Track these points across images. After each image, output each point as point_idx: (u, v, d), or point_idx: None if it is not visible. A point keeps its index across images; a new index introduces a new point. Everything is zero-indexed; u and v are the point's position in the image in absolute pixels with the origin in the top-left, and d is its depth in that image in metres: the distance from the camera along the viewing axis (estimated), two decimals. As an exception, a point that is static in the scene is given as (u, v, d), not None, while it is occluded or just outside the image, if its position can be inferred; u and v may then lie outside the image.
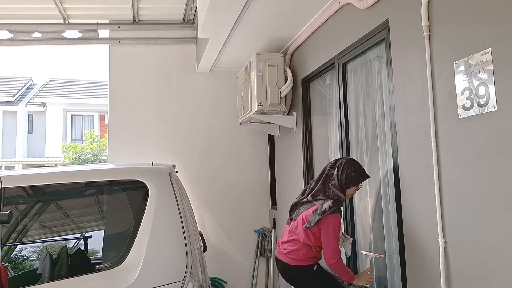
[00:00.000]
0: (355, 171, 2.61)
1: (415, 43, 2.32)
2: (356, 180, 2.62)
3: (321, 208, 2.53)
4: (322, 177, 2.68)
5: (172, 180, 2.48)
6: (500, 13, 1.78)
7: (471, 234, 1.94)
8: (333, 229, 2.52)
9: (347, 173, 2.60)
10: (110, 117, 4.74)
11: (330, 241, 2.52)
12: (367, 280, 2.61)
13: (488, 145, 1.84)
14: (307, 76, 3.92)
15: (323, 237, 2.54)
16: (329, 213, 2.50)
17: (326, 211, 2.50)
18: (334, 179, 2.61)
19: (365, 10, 2.85)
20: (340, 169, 2.62)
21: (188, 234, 2.38)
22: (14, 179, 2.34)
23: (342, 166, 2.62)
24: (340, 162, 2.66)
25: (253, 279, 4.81)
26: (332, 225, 2.52)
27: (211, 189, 4.84)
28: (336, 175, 2.61)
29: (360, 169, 2.64)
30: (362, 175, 2.64)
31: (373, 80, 2.99)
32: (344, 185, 2.60)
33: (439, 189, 2.13)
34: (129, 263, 2.21)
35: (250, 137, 5.07)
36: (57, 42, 4.73)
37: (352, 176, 2.60)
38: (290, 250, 2.65)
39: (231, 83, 4.94)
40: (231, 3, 3.04)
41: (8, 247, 2.24)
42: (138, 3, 4.49)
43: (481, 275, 1.89)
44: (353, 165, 2.63)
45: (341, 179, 2.60)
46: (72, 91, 19.22)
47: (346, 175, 2.59)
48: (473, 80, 1.91)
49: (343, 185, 2.60)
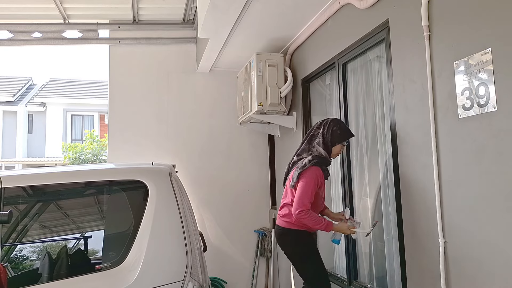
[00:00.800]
0: (340, 129, 2.68)
1: (415, 43, 2.32)
2: (342, 137, 2.68)
3: (302, 163, 2.59)
4: (308, 137, 2.76)
5: (172, 180, 2.48)
6: (500, 13, 1.78)
7: (471, 234, 1.94)
8: (307, 179, 2.53)
9: (332, 130, 2.67)
10: (110, 117, 4.74)
11: (301, 189, 2.52)
12: (346, 229, 2.59)
13: (488, 145, 1.84)
14: (307, 76, 3.92)
15: (298, 188, 2.55)
16: (309, 166, 2.55)
17: (306, 165, 2.56)
18: (319, 137, 2.68)
19: (365, 10, 2.85)
20: (326, 127, 2.69)
21: (188, 234, 2.38)
22: (14, 179, 2.34)
23: (328, 124, 2.70)
24: (326, 121, 2.73)
25: (253, 279, 4.81)
26: (309, 175, 2.55)
27: (211, 189, 4.84)
28: (322, 133, 2.68)
29: (345, 127, 2.72)
30: (347, 132, 2.70)
31: (373, 80, 2.99)
32: (330, 142, 2.66)
33: (439, 189, 2.13)
34: (129, 263, 2.21)
35: (250, 137, 5.07)
36: (57, 42, 4.72)
37: (337, 133, 2.66)
38: (283, 214, 2.71)
39: (231, 83, 4.94)
40: (231, 3, 3.04)
41: (8, 247, 2.24)
42: (138, 3, 4.48)
43: (481, 275, 1.89)
44: (338, 123, 2.71)
45: (327, 137, 2.66)
46: (72, 91, 19.21)
47: (332, 132, 2.66)
48: (473, 80, 1.91)
49: (328, 143, 2.66)
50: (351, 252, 3.16)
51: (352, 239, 3.13)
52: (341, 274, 3.37)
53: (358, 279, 3.11)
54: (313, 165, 2.57)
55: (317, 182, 2.59)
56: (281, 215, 2.76)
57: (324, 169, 2.66)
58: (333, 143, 2.67)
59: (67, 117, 18.55)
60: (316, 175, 2.58)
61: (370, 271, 3.03)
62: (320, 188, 2.66)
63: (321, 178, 2.62)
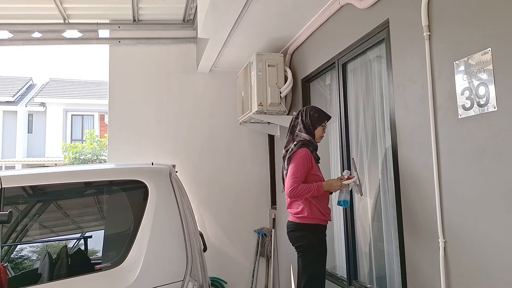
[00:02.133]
0: (317, 112, 2.82)
1: (415, 43, 2.32)
2: (320, 119, 2.81)
3: (290, 151, 2.70)
4: (290, 128, 2.87)
5: (172, 180, 2.48)
6: (500, 13, 1.78)
7: (471, 234, 1.94)
8: (297, 160, 2.64)
9: (310, 114, 2.80)
10: (110, 117, 4.74)
11: (291, 170, 2.62)
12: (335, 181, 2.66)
13: (488, 145, 1.84)
14: (307, 76, 3.92)
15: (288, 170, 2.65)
16: (296, 150, 2.66)
17: (293, 149, 2.67)
18: (299, 125, 2.80)
19: (365, 10, 2.85)
20: (304, 114, 2.82)
21: (188, 234, 2.38)
22: (14, 179, 2.34)
23: (305, 111, 2.84)
24: (302, 109, 2.87)
25: (253, 279, 4.81)
26: (297, 157, 2.65)
27: (211, 189, 4.84)
28: (301, 121, 2.81)
29: (321, 110, 2.86)
30: (324, 115, 2.84)
31: (373, 80, 2.99)
32: (311, 126, 2.78)
33: (439, 189, 2.13)
34: (129, 263, 2.21)
35: (250, 137, 5.07)
36: (57, 42, 4.73)
37: (315, 116, 2.80)
38: (295, 211, 2.73)
39: (231, 83, 4.94)
40: (231, 3, 3.04)
41: (8, 247, 2.24)
42: (138, 3, 4.49)
43: (481, 275, 1.89)
44: (314, 108, 2.86)
45: (307, 122, 2.79)
46: (72, 91, 19.21)
47: (310, 116, 2.79)
48: (473, 80, 1.91)
49: (309, 127, 2.78)
50: (351, 252, 3.16)
51: (352, 235, 3.13)
52: (341, 274, 3.37)
53: (358, 279, 3.11)
54: (299, 147, 2.68)
55: (307, 162, 2.65)
56: (293, 212, 2.74)
57: (312, 151, 2.75)
58: (314, 127, 2.80)
59: (67, 117, 18.55)
60: (304, 155, 2.66)
61: (370, 271, 3.03)
62: (312, 168, 2.70)
63: (309, 157, 2.68)
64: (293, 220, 2.75)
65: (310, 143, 2.75)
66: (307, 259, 2.68)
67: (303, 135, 2.76)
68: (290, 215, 2.80)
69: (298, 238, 2.71)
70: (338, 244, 3.49)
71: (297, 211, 2.71)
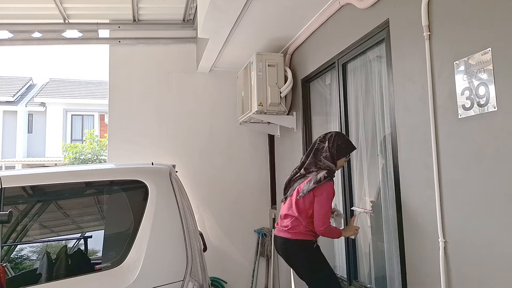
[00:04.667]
0: (345, 143, 2.79)
1: (415, 43, 2.32)
2: (346, 151, 2.79)
3: (316, 177, 2.66)
4: (313, 151, 2.82)
5: (172, 180, 2.48)
6: (500, 13, 1.78)
7: (471, 234, 1.94)
8: (326, 196, 2.64)
9: (338, 144, 2.75)
10: (110, 117, 4.74)
11: (322, 207, 2.63)
12: (353, 231, 2.76)
13: (488, 145, 1.84)
14: (307, 76, 3.92)
15: (316, 203, 2.64)
16: (324, 182, 2.62)
17: (321, 180, 2.63)
18: (326, 151, 2.75)
19: (365, 10, 2.85)
20: (331, 142, 2.77)
21: (188, 234, 2.38)
22: (14, 179, 2.34)
23: (333, 139, 2.78)
24: (330, 135, 2.81)
25: (253, 279, 4.81)
26: (326, 192, 2.64)
27: (211, 189, 4.84)
28: (328, 147, 2.76)
29: (349, 141, 2.83)
30: (351, 146, 2.82)
31: (373, 80, 2.99)
32: (336, 156, 2.74)
33: (439, 189, 2.13)
34: (129, 263, 2.21)
35: (250, 137, 5.07)
36: (57, 42, 4.73)
37: (342, 147, 2.76)
38: (290, 226, 2.72)
39: (231, 83, 4.94)
40: (231, 3, 3.04)
41: (8, 247, 2.23)
42: (138, 3, 4.48)
43: (481, 275, 1.89)
44: (342, 137, 2.81)
45: (333, 151, 2.74)
46: (72, 91, 19.21)
47: (337, 146, 2.75)
48: (473, 80, 1.91)
49: (334, 156, 2.74)
50: (351, 252, 3.16)
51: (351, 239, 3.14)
52: (341, 274, 3.37)
53: (358, 279, 3.11)
54: (328, 180, 2.65)
55: (332, 197, 2.69)
56: (289, 227, 2.71)
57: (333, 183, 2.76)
58: (338, 157, 2.76)
59: (67, 117, 18.55)
60: (332, 191, 2.68)
61: (370, 271, 3.03)
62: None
63: (334, 191, 2.71)
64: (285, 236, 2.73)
65: (333, 173, 2.73)
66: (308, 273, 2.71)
67: (327, 164, 2.71)
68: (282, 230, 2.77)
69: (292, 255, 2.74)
70: (338, 244, 3.49)
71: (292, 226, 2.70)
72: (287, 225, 2.74)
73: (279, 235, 2.80)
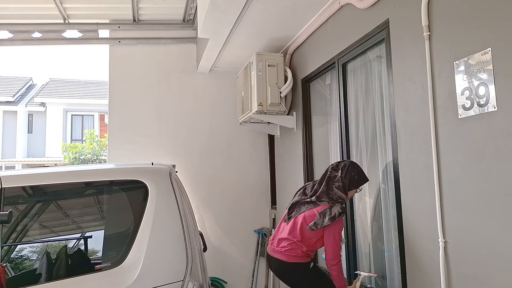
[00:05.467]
0: (358, 174, 2.69)
1: (415, 43, 2.32)
2: (358, 183, 2.69)
3: (330, 213, 2.57)
4: (325, 179, 2.72)
5: (172, 180, 2.48)
6: (500, 13, 1.78)
7: (471, 234, 1.94)
8: (338, 231, 2.60)
9: (350, 175, 2.67)
10: (110, 117, 4.74)
11: (335, 242, 2.59)
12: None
13: (488, 145, 1.84)
14: (307, 76, 3.92)
15: (327, 238, 2.60)
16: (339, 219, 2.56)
17: (336, 217, 2.55)
18: (338, 181, 2.67)
19: (365, 10, 2.85)
20: (344, 172, 2.67)
21: (188, 234, 2.38)
22: (14, 179, 2.34)
23: (346, 169, 2.68)
24: (344, 164, 2.72)
25: (253, 279, 4.81)
26: (338, 227, 2.60)
27: (211, 189, 4.84)
28: (340, 177, 2.67)
29: (362, 173, 2.73)
30: (363, 178, 2.72)
31: (373, 80, 2.99)
32: (348, 187, 2.67)
33: (439, 189, 2.13)
34: (129, 263, 2.21)
35: (250, 137, 5.07)
36: (57, 42, 4.73)
37: (355, 178, 2.67)
38: (288, 248, 2.67)
39: (231, 83, 4.94)
40: (231, 3, 3.04)
41: (8, 247, 2.23)
42: (138, 3, 4.48)
43: (481, 275, 1.89)
44: (356, 168, 2.71)
45: (345, 182, 2.66)
46: (72, 91, 19.20)
47: (350, 177, 2.66)
48: (473, 80, 1.91)
49: (346, 187, 2.67)
50: (351, 252, 3.16)
51: (352, 235, 3.13)
52: (341, 274, 3.37)
53: (358, 279, 3.11)
54: (341, 215, 2.60)
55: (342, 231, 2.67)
56: (286, 249, 2.68)
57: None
58: (350, 188, 2.69)
59: (67, 117, 18.54)
60: (342, 226, 2.67)
61: (370, 271, 3.03)
62: None
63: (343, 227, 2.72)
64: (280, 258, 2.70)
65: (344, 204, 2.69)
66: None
67: (339, 194, 2.66)
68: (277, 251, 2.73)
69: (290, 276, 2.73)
70: (338, 244, 3.49)
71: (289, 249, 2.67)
72: (285, 247, 2.68)
73: (274, 256, 2.75)
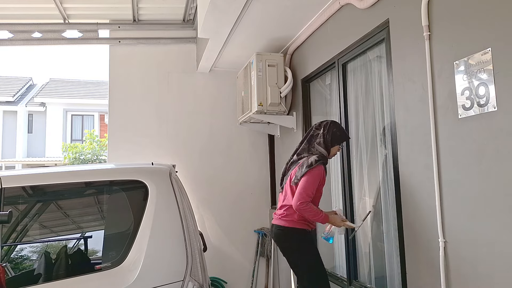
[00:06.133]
0: (340, 131, 2.82)
1: (415, 43, 2.32)
2: (340, 139, 2.82)
3: (308, 161, 2.67)
4: (308, 137, 2.85)
5: (172, 180, 2.48)
6: (500, 13, 1.78)
7: (471, 234, 1.94)
8: (312, 177, 2.63)
9: (333, 132, 2.78)
10: (110, 117, 4.74)
11: (304, 184, 2.61)
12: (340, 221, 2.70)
13: (488, 145, 1.84)
14: (307, 76, 3.92)
15: (300, 183, 2.63)
16: (315, 166, 2.63)
17: (313, 164, 2.64)
18: (320, 138, 2.79)
19: (365, 10, 2.85)
20: (327, 129, 2.80)
21: (188, 234, 2.38)
22: (14, 179, 2.34)
23: (329, 126, 2.81)
24: (326, 122, 2.84)
25: (253, 279, 4.81)
26: (313, 174, 2.64)
27: (211, 189, 4.84)
28: (322, 134, 2.79)
29: (344, 130, 2.87)
30: (345, 135, 2.86)
31: (373, 80, 2.99)
32: (330, 143, 2.77)
33: (439, 189, 2.13)
34: (129, 263, 2.21)
35: (250, 137, 5.07)
36: (57, 42, 4.73)
37: (337, 135, 2.79)
38: (285, 214, 2.75)
39: (231, 83, 4.94)
40: (231, 3, 3.04)
41: (8, 247, 2.23)
42: (138, 3, 4.48)
43: (481, 275, 1.89)
44: (337, 125, 2.85)
45: (327, 138, 2.77)
46: (72, 91, 19.20)
47: (333, 133, 2.78)
48: (473, 80, 1.91)
49: (328, 143, 2.77)
50: (351, 252, 3.16)
51: (350, 238, 3.13)
52: (341, 274, 3.37)
53: (358, 279, 3.11)
54: (319, 164, 2.67)
55: (320, 180, 2.69)
56: (281, 216, 2.78)
57: (325, 168, 2.77)
58: (332, 144, 2.79)
59: (67, 117, 18.54)
60: (320, 173, 2.68)
61: (370, 271, 3.03)
62: (320, 185, 2.74)
63: (323, 176, 2.72)
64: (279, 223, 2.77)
65: (325, 159, 2.75)
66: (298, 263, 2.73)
67: (321, 150, 2.75)
68: (277, 218, 2.82)
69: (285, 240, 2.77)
70: (338, 244, 3.49)
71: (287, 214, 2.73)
72: (282, 213, 2.77)
73: (274, 223, 2.85)
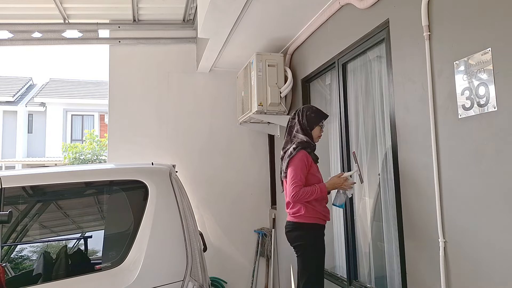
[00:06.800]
0: (314, 112, 2.80)
1: (415, 43, 2.32)
2: (317, 119, 2.78)
3: (288, 153, 2.69)
4: (287, 129, 2.86)
5: (172, 180, 2.48)
6: (500, 13, 1.78)
7: (471, 234, 1.94)
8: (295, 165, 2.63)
9: (307, 115, 2.77)
10: (110, 117, 4.74)
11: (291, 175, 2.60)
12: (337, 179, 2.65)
13: (488, 145, 1.84)
14: (307, 76, 3.92)
15: (288, 175, 2.64)
16: (295, 154, 2.63)
17: (292, 153, 2.65)
18: (297, 125, 2.78)
19: (365, 10, 2.85)
20: (300, 114, 2.79)
21: (188, 234, 2.38)
22: (14, 179, 2.34)
23: (301, 112, 2.81)
24: (299, 109, 2.85)
25: (253, 279, 4.81)
26: (295, 161, 2.64)
27: (211, 189, 4.84)
28: (298, 121, 2.79)
29: (318, 110, 2.83)
30: (321, 114, 2.82)
31: (373, 80, 2.99)
32: (308, 126, 2.76)
33: (439, 189, 2.13)
34: (129, 263, 2.21)
35: (250, 137, 5.07)
36: (57, 42, 4.73)
37: (312, 116, 2.77)
38: (293, 210, 2.73)
39: (231, 83, 4.94)
40: (231, 3, 3.04)
41: (8, 247, 2.24)
42: (138, 3, 4.48)
43: (481, 275, 1.89)
44: (310, 107, 2.84)
45: (303, 122, 2.76)
46: (72, 91, 19.21)
47: (307, 116, 2.77)
48: (473, 80, 1.91)
49: (306, 128, 2.76)
50: (351, 252, 3.16)
51: (352, 235, 3.13)
52: (341, 274, 3.37)
53: (358, 279, 3.11)
54: (298, 151, 2.66)
55: (304, 164, 2.65)
56: (290, 212, 2.76)
57: (310, 152, 2.74)
58: (311, 127, 2.77)
59: (67, 117, 18.55)
60: (301, 158, 2.65)
61: (370, 271, 3.03)
62: (311, 169, 2.70)
63: (307, 158, 2.68)
64: (291, 220, 2.75)
65: (308, 144, 2.73)
66: (306, 259, 2.68)
67: (300, 136, 2.74)
68: (288, 215, 2.81)
69: (296, 237, 2.71)
70: (338, 244, 3.49)
71: (294, 210, 2.71)
72: (290, 212, 2.76)
73: (287, 220, 2.81)
